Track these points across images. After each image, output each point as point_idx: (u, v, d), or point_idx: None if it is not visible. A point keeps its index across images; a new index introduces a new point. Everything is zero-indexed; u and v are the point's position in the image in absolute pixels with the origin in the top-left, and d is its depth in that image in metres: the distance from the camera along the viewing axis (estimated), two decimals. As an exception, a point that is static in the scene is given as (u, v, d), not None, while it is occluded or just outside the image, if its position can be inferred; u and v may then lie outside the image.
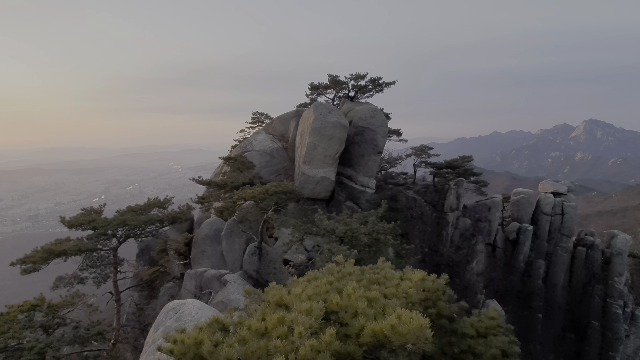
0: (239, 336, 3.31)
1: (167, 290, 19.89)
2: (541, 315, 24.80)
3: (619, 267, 24.63)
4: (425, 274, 4.91)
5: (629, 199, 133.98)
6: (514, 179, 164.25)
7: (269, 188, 13.24)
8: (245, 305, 4.77)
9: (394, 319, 3.09)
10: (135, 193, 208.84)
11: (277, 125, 28.65)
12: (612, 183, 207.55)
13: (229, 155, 23.23)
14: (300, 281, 5.35)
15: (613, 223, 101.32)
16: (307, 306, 3.39)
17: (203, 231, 16.96)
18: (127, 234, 15.78)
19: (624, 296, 24.12)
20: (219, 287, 11.71)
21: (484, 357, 4.41)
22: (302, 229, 12.91)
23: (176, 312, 8.71)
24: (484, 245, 25.96)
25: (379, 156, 24.59)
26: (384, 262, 6.66)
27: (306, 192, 21.94)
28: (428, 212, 26.41)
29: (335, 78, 27.61)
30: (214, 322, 4.14)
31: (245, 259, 13.03)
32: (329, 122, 21.36)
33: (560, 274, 25.45)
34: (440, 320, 4.77)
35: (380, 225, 13.62)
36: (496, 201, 27.13)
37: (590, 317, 24.36)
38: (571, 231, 26.15)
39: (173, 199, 17.57)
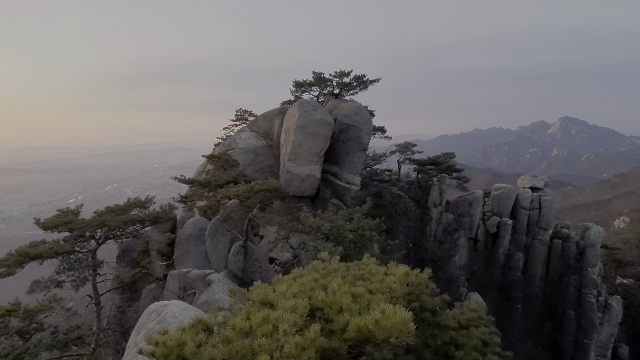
0: (223, 336, 3.27)
1: (150, 292, 19.45)
2: (520, 305, 25.70)
3: (592, 258, 25.77)
4: (409, 269, 4.98)
5: (602, 193, 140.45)
6: (494, 175, 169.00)
7: (254, 186, 13.11)
8: (230, 305, 4.71)
9: (378, 314, 3.13)
10: (114, 193, 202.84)
11: (262, 122, 28.38)
12: (586, 178, 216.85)
13: (213, 154, 22.85)
14: (285, 279, 5.33)
15: (587, 216, 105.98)
16: (292, 304, 3.38)
17: (186, 231, 16.64)
18: (107, 235, 15.30)
19: (597, 286, 25.27)
20: (204, 287, 11.53)
21: (466, 347, 4.52)
22: (287, 226, 12.86)
23: (159, 314, 8.52)
24: (466, 240, 26.63)
25: (364, 153, 24.77)
26: (369, 258, 6.72)
27: (292, 190, 21.87)
28: (412, 208, 26.85)
29: (320, 75, 27.55)
30: (198, 322, 4.07)
31: (230, 258, 12.87)
32: (314, 120, 21.33)
33: (538, 265, 26.41)
34: (423, 313, 4.86)
35: (366, 221, 13.73)
36: (477, 196, 27.85)
37: (566, 306, 25.42)
38: (548, 224, 27.16)
39: (154, 199, 17.14)
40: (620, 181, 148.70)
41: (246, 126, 29.99)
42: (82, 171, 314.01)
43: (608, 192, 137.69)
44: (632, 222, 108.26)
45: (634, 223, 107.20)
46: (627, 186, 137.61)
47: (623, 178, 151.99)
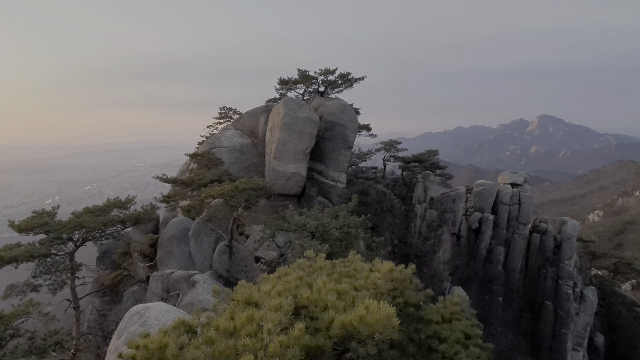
0: (206, 337, 3.21)
1: (132, 294, 18.98)
2: (501, 298, 26.47)
3: (568, 251, 26.79)
4: (393, 265, 5.04)
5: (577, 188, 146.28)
6: (476, 172, 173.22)
7: (239, 185, 12.94)
8: (214, 305, 4.64)
9: (362, 310, 3.14)
10: (93, 193, 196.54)
11: (247, 120, 28.06)
12: (563, 174, 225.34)
13: (196, 152, 22.42)
14: (270, 278, 5.30)
15: (563, 210, 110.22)
16: (277, 302, 3.36)
17: (169, 231, 16.28)
18: (85, 237, 14.80)
19: (573, 277, 26.30)
20: (188, 288, 11.32)
21: (449, 341, 4.61)
22: (273, 225, 12.78)
23: (141, 317, 8.32)
24: (449, 235, 27.18)
25: (349, 151, 24.87)
26: (354, 255, 6.76)
27: (277, 188, 21.74)
28: (397, 205, 27.18)
29: (305, 73, 27.45)
30: (180, 324, 3.99)
31: (215, 258, 12.68)
32: (299, 118, 21.25)
33: (518, 259, 27.26)
34: (407, 308, 4.92)
35: (351, 219, 13.80)
36: (460, 193, 28.46)
37: (544, 297, 26.36)
38: (527, 219, 28.04)
39: (135, 199, 16.68)
40: (594, 177, 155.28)
41: (230, 124, 29.58)
42: (59, 171, 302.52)
43: (583, 187, 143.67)
44: (605, 216, 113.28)
45: (607, 217, 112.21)
46: (601, 181, 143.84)
47: (597, 174, 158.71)
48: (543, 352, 25.30)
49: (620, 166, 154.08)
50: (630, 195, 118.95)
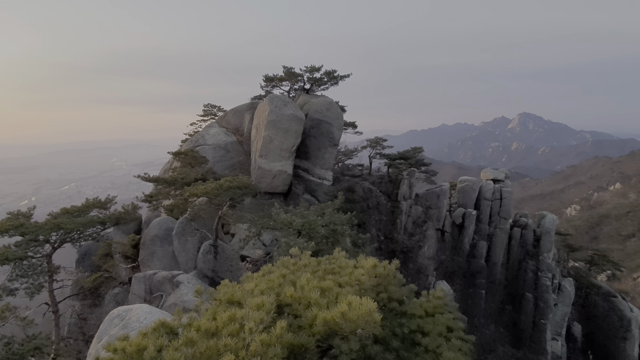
0: (187, 338, 3.15)
1: (114, 297, 18.51)
2: (484, 291, 27.18)
3: (548, 244, 27.72)
4: (377, 261, 5.07)
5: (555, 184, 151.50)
6: (459, 168, 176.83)
7: (223, 183, 12.76)
8: (196, 306, 4.56)
9: (344, 306, 3.15)
10: (72, 193, 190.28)
11: (231, 118, 27.68)
12: (542, 170, 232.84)
13: (179, 150, 21.98)
14: (254, 276, 5.25)
15: (543, 205, 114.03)
16: (259, 301, 3.32)
17: (152, 231, 15.92)
18: (63, 238, 14.31)
19: (552, 269, 27.25)
20: (172, 289, 11.11)
21: (432, 334, 4.68)
22: (259, 223, 12.67)
23: (122, 319, 8.10)
24: (434, 231, 27.67)
25: (336, 148, 24.91)
26: (339, 252, 6.77)
27: (263, 187, 21.58)
28: (383, 202, 27.45)
29: (290, 70, 27.28)
30: (160, 325, 3.90)
31: (200, 258, 12.50)
32: (285, 115, 21.11)
33: (500, 253, 28.02)
34: (391, 303, 4.97)
35: (337, 216, 13.82)
36: (444, 189, 28.98)
37: (525, 289, 27.22)
38: (508, 214, 28.83)
39: (116, 199, 16.23)
40: (572, 172, 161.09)
41: (215, 122, 29.13)
42: (36, 171, 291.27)
43: (561, 182, 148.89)
44: (582, 210, 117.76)
45: (583, 211, 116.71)
46: (578, 177, 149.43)
47: (574, 169, 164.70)
48: (524, 342, 26.15)
49: (595, 162, 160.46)
50: (605, 190, 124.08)
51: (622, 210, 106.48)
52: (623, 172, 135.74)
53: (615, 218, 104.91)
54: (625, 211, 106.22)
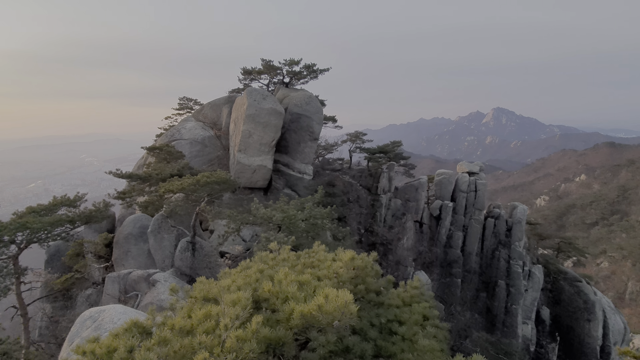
0: (160, 337, 3.06)
1: (86, 298, 17.82)
2: (460, 280, 28.19)
3: (519, 233, 29.02)
4: (355, 254, 5.12)
5: (526, 175, 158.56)
6: (437, 162, 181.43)
7: (201, 179, 12.45)
8: (171, 304, 4.45)
9: (321, 299, 3.15)
10: (39, 192, 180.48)
11: (208, 111, 26.99)
12: (514, 162, 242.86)
13: (154, 145, 21.21)
14: (232, 272, 5.17)
15: (514, 196, 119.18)
16: (235, 297, 3.27)
17: (126, 229, 15.35)
18: (29, 239, 13.57)
19: (523, 257, 28.58)
20: (148, 288, 10.80)
21: (408, 323, 4.79)
22: (238, 219, 12.49)
23: (94, 321, 7.81)
24: (412, 223, 28.31)
25: (315, 143, 24.85)
26: (318, 246, 6.79)
27: (243, 182, 21.27)
28: (363, 195, 27.75)
29: (269, 63, 26.84)
30: (133, 325, 3.78)
31: (177, 256, 12.19)
32: (264, 109, 20.81)
33: (474, 242, 29.08)
34: (369, 294, 5.05)
35: (317, 210, 13.85)
36: (422, 182, 29.64)
37: (498, 277, 28.44)
38: (483, 205, 29.90)
39: (87, 196, 15.50)
40: (541, 165, 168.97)
41: (191, 115, 28.31)
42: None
43: (531, 174, 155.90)
44: (550, 200, 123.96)
45: (551, 201, 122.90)
46: (547, 169, 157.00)
47: (543, 162, 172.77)
48: (497, 327, 27.40)
49: (563, 155, 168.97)
50: (571, 181, 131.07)
51: (587, 200, 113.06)
52: (588, 164, 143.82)
53: (581, 207, 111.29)
54: (590, 201, 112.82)
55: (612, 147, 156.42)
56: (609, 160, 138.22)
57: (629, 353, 7.90)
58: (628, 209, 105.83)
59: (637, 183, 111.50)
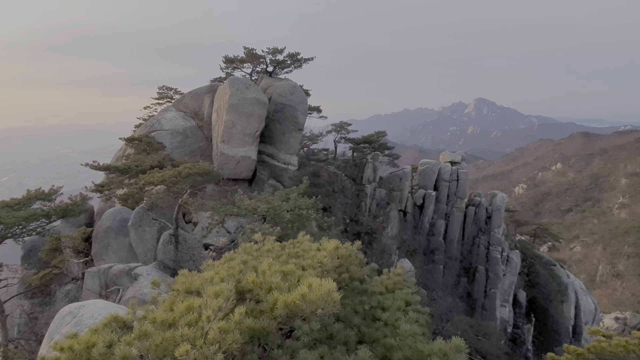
0: (140, 331, 3.01)
1: (66, 294, 17.36)
2: (442, 266, 29.03)
3: (498, 221, 30.01)
4: (339, 243, 5.16)
5: (506, 165, 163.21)
6: (420, 152, 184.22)
7: (182, 170, 12.18)
8: (153, 298, 4.38)
9: (304, 288, 3.17)
10: (12, 185, 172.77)
11: (189, 101, 26.28)
12: (494, 152, 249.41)
13: (133, 136, 20.54)
14: (215, 264, 5.12)
15: (494, 185, 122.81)
16: (217, 288, 3.24)
17: (105, 223, 14.91)
18: (3, 234, 13.03)
19: (501, 243, 29.65)
20: (130, 282, 10.60)
21: (391, 309, 4.90)
22: (222, 210, 12.34)
23: (74, 317, 7.63)
24: (396, 212, 28.77)
25: (300, 133, 24.68)
26: (303, 236, 6.80)
27: (226, 173, 20.97)
28: (348, 186, 27.92)
29: (252, 51, 26.23)
30: (112, 320, 3.70)
31: (160, 249, 11.98)
32: (247, 99, 20.42)
33: (456, 230, 29.91)
34: (353, 283, 5.12)
35: (302, 200, 13.84)
36: (406, 172, 30.06)
37: (478, 262, 29.46)
38: (464, 194, 30.67)
39: (62, 189, 14.91)
40: (520, 154, 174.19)
41: (171, 105, 27.51)
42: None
43: (510, 163, 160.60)
44: (528, 188, 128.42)
45: (529, 189, 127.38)
46: (525, 158, 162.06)
47: (522, 151, 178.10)
48: (477, 310, 28.49)
49: (540, 144, 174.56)
50: (547, 170, 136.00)
51: (562, 188, 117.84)
52: (563, 153, 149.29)
53: (556, 195, 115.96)
54: (564, 189, 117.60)
55: (587, 136, 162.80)
56: (583, 150, 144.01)
57: (598, 332, 8.37)
58: (600, 196, 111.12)
59: (609, 171, 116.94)
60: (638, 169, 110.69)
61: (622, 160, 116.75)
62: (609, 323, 39.19)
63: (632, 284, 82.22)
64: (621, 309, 48.59)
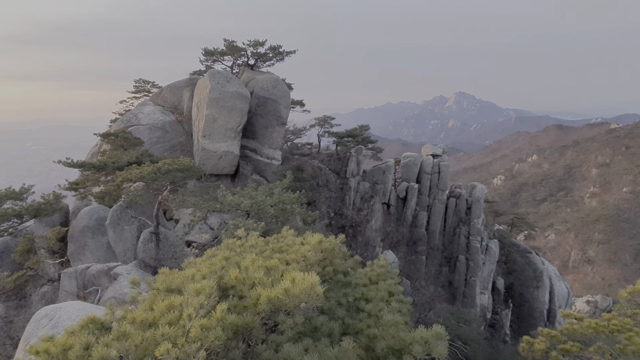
0: (119, 332, 2.94)
1: (42, 296, 16.72)
2: (424, 257, 29.72)
3: (477, 211, 30.91)
4: (322, 237, 5.18)
5: (485, 157, 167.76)
6: (403, 145, 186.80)
7: (162, 166, 11.86)
8: (132, 297, 4.28)
9: (287, 283, 3.17)
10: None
11: (168, 95, 25.52)
12: (474, 145, 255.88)
13: (109, 131, 19.79)
14: (197, 261, 5.05)
15: (474, 176, 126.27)
16: (198, 286, 3.20)
17: (81, 222, 14.37)
18: (-30, 236, 12.37)
19: (481, 233, 30.60)
20: (109, 282, 10.31)
21: (374, 300, 4.99)
22: (204, 207, 12.13)
23: (50, 319, 7.37)
24: (380, 205, 29.14)
25: (283, 127, 24.46)
26: (287, 231, 6.79)
27: (208, 168, 20.58)
28: (332, 179, 28.01)
29: (232, 44, 25.65)
30: (90, 322, 3.60)
31: (140, 247, 11.68)
32: (228, 93, 20.02)
33: (438, 221, 30.63)
34: (336, 275, 5.16)
35: (286, 195, 13.79)
36: (389, 165, 30.42)
37: (459, 252, 30.33)
38: (445, 186, 31.39)
39: (34, 188, 14.27)
40: (498, 146, 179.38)
41: (149, 99, 26.63)
42: None
43: (489, 156, 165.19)
44: (505, 180, 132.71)
45: (507, 180, 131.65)
46: (503, 150, 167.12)
47: (500, 144, 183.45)
48: (458, 298, 29.42)
49: (517, 137, 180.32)
50: (524, 161, 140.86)
51: (537, 179, 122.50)
52: (539, 145, 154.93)
53: (532, 186, 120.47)
54: (540, 179, 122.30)
55: (560, 129, 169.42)
56: (557, 142, 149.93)
57: (570, 315, 8.83)
58: (572, 186, 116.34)
59: (581, 162, 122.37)
60: (608, 159, 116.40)
61: (593, 152, 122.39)
62: (581, 306, 41.39)
63: (602, 268, 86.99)
64: (592, 293, 51.40)
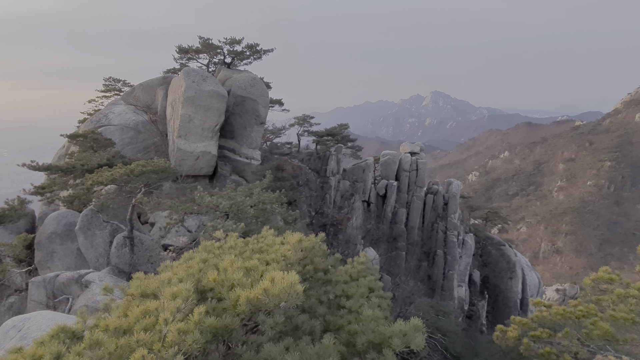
0: (91, 340, 2.82)
1: (10, 306, 15.75)
2: (404, 252, 30.35)
3: (454, 207, 31.87)
4: (302, 236, 5.18)
5: (460, 154, 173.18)
6: (382, 143, 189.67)
7: (135, 168, 11.44)
8: (105, 304, 4.12)
9: (267, 283, 3.15)
10: None
11: (140, 94, 24.65)
12: (449, 142, 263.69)
13: (77, 132, 18.86)
14: (174, 265, 4.92)
15: (450, 173, 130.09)
16: (175, 289, 3.12)
17: (48, 228, 13.62)
18: None
19: (457, 227, 31.58)
20: (81, 290, 9.84)
21: (355, 296, 5.05)
22: (180, 209, 11.82)
23: (19, 330, 6.98)
24: (360, 203, 29.46)
25: (262, 127, 24.20)
26: (267, 231, 6.74)
27: (185, 169, 20.06)
28: (313, 178, 28.02)
29: (208, 41, 25.07)
30: (60, 331, 3.43)
31: (113, 253, 11.22)
32: (204, 91, 19.57)
33: (416, 217, 31.34)
34: (317, 274, 5.18)
35: (266, 195, 13.67)
36: (369, 163, 30.81)
37: (437, 247, 31.18)
38: (423, 182, 32.15)
39: (-5, 193, 13.40)
40: (472, 144, 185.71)
41: (120, 98, 25.62)
42: None
43: (464, 152, 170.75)
44: (480, 176, 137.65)
45: (481, 176, 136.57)
46: (477, 147, 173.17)
47: (474, 141, 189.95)
48: (437, 291, 30.25)
49: (490, 134, 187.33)
50: (497, 158, 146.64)
51: (509, 174, 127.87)
52: (510, 142, 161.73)
53: (504, 181, 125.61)
54: (512, 175, 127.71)
55: (530, 126, 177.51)
56: (527, 138, 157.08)
57: (540, 303, 9.30)
58: (541, 180, 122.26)
59: (549, 158, 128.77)
60: (573, 155, 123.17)
61: (560, 148, 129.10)
62: (551, 294, 43.61)
63: (569, 258, 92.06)
64: (561, 281, 54.35)
